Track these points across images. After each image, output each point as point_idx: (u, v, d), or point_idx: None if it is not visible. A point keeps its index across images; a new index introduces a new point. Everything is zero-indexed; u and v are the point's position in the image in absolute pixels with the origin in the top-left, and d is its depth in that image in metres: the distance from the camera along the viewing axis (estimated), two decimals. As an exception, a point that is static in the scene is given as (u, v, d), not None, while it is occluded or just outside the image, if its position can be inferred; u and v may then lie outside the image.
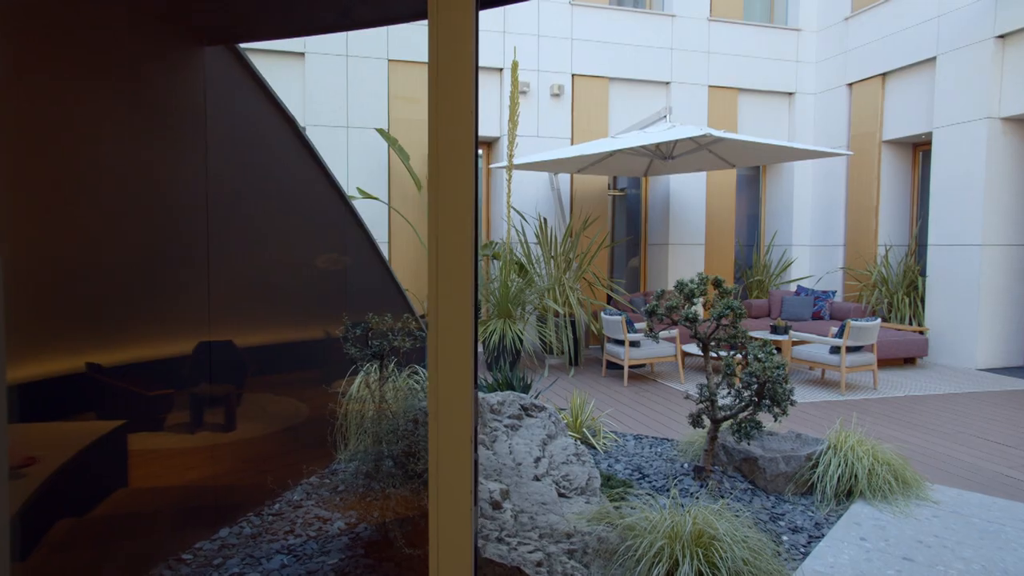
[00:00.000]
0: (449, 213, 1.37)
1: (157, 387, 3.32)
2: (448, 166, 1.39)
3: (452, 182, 1.38)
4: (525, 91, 9.37)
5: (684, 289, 3.95)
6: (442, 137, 1.39)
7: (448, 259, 1.37)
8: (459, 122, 1.37)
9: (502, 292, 7.77)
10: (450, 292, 1.37)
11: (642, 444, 5.02)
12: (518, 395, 3.55)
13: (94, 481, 2.89)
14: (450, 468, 1.39)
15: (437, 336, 1.39)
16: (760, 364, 3.54)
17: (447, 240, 1.38)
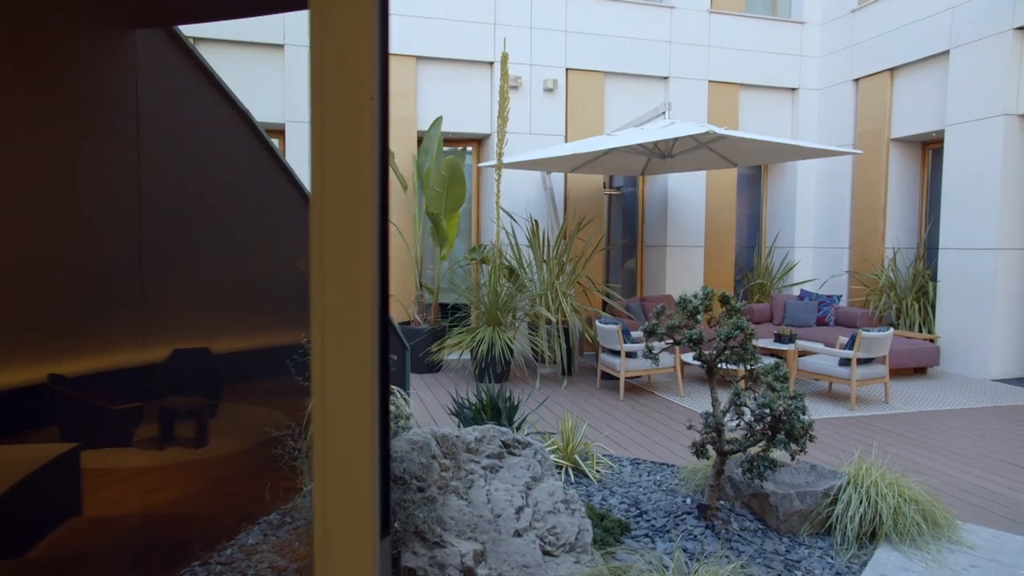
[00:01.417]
0: (336, 228, 0.94)
1: (123, 400, 2.92)
2: (339, 179, 0.95)
3: (343, 193, 0.94)
4: (516, 86, 8.91)
5: (687, 306, 3.51)
6: (329, 144, 0.95)
7: (337, 283, 0.94)
8: (352, 120, 0.94)
9: (491, 298, 7.33)
10: (343, 326, 0.95)
11: (640, 471, 4.59)
12: (499, 430, 3.11)
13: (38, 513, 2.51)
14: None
15: (323, 384, 0.96)
16: (775, 394, 3.11)
17: (334, 254, 0.95)
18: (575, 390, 7.15)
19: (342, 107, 0.94)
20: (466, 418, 4.57)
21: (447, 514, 2.54)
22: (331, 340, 0.96)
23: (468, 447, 2.94)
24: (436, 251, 8.21)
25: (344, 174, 0.94)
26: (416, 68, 8.71)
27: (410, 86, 8.65)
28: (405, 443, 2.71)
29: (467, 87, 8.95)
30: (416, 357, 7.84)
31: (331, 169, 0.95)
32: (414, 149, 8.64)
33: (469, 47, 8.81)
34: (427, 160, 8.23)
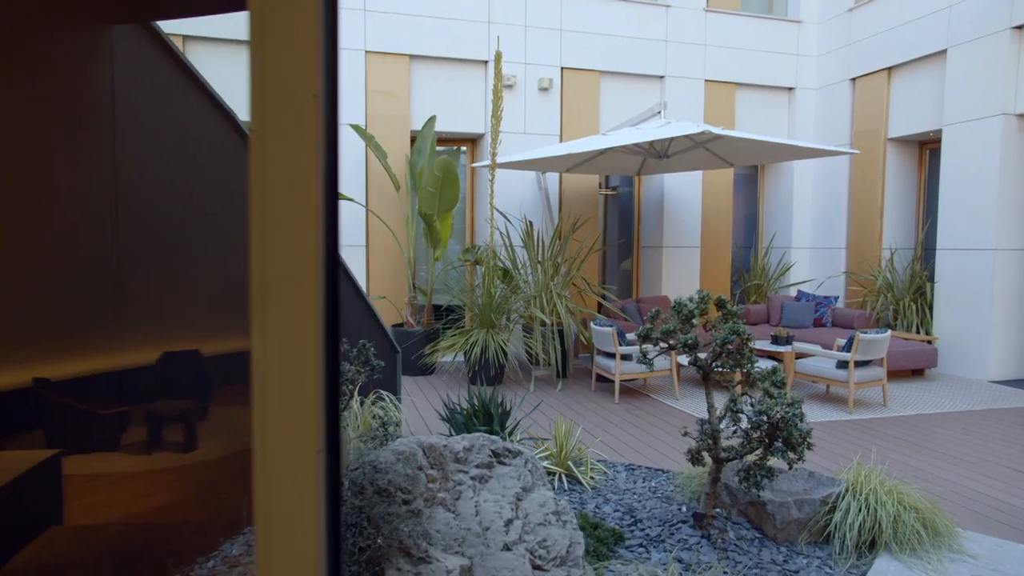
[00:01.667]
0: (276, 239, 0.85)
1: (110, 405, 2.82)
2: (279, 183, 0.86)
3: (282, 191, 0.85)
4: (511, 85, 8.83)
5: (682, 310, 3.43)
6: (268, 145, 0.86)
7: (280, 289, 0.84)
8: (293, 119, 0.85)
9: (484, 300, 7.24)
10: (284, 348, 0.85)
11: (634, 476, 4.50)
12: (489, 438, 3.02)
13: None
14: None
15: (264, 396, 0.86)
16: (772, 401, 3.02)
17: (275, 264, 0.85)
18: (570, 393, 7.07)
19: (282, 105, 0.85)
20: (458, 423, 4.49)
21: (433, 527, 2.45)
22: (271, 372, 0.86)
23: (456, 456, 2.85)
24: (429, 252, 8.12)
25: (284, 178, 0.85)
26: (409, 67, 8.62)
27: (403, 85, 8.56)
28: (390, 454, 2.62)
29: (461, 86, 8.86)
30: (409, 360, 7.74)
31: (272, 172, 0.85)
32: (407, 149, 8.54)
33: (463, 46, 8.72)
34: (420, 160, 8.13)
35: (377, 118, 8.49)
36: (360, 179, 8.46)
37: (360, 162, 8.45)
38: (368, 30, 8.37)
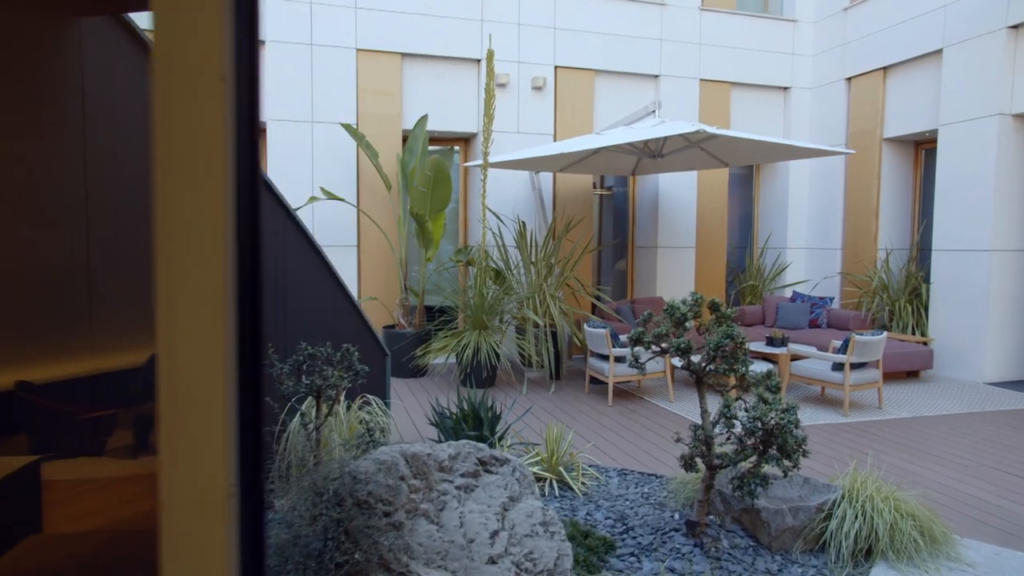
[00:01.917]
0: (179, 234, 0.75)
1: (95, 407, 2.72)
2: (181, 173, 0.76)
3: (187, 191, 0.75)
4: (504, 84, 8.74)
5: (675, 313, 3.34)
6: (169, 130, 0.76)
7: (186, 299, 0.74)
8: (194, 102, 0.75)
9: (476, 301, 7.15)
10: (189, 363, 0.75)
11: (627, 482, 4.42)
12: (475, 446, 2.93)
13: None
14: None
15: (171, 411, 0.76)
16: (766, 407, 2.94)
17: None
18: (563, 395, 6.98)
19: (182, 86, 0.75)
20: (447, 428, 4.40)
21: (415, 540, 2.36)
22: (174, 395, 0.75)
23: (441, 465, 2.76)
24: (421, 253, 8.02)
25: (186, 166, 0.75)
26: (401, 65, 8.52)
27: (395, 84, 8.46)
28: (371, 463, 2.53)
29: (454, 85, 8.76)
30: (400, 361, 7.64)
31: (173, 161, 0.75)
32: (399, 148, 8.45)
33: (455, 44, 8.63)
34: (412, 159, 8.04)
35: (368, 117, 8.39)
36: (351, 179, 8.36)
37: (351, 162, 8.35)
38: (359, 28, 8.27)
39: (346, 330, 4.73)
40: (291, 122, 8.10)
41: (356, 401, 4.31)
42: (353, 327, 4.81)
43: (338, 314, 4.63)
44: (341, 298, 4.63)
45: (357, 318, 4.85)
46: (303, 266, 4.21)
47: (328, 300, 4.51)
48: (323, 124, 8.22)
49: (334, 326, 4.58)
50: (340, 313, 4.64)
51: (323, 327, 4.46)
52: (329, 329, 4.53)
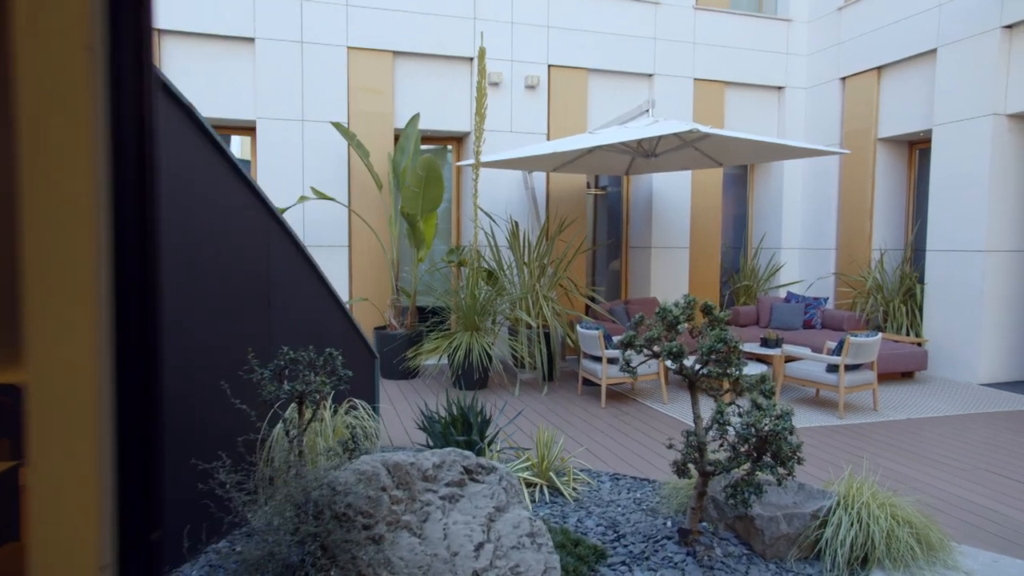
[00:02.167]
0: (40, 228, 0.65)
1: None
2: (38, 156, 0.66)
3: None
4: (497, 82, 8.66)
5: (667, 316, 3.27)
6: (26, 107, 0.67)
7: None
8: (55, 75, 0.66)
9: (468, 302, 7.06)
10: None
11: (619, 487, 4.34)
12: (461, 453, 2.85)
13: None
14: None
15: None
16: (760, 413, 2.87)
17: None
18: (555, 397, 6.91)
19: (42, 57, 0.65)
20: (435, 433, 4.32)
21: (396, 554, 2.28)
22: (39, 430, 0.62)
23: (425, 475, 2.68)
24: (413, 253, 7.93)
25: (44, 149, 0.65)
26: (393, 63, 8.43)
27: (386, 82, 8.36)
28: (351, 474, 2.44)
29: (446, 84, 8.67)
30: (391, 363, 7.56)
31: (31, 147, 0.65)
32: (391, 147, 8.36)
33: (448, 42, 8.54)
34: (404, 159, 7.95)
35: (360, 115, 8.29)
36: (342, 178, 8.26)
37: (342, 161, 8.25)
38: (350, 25, 8.17)
39: (333, 332, 4.64)
40: (281, 120, 8.00)
41: (343, 405, 4.23)
42: (340, 329, 4.72)
43: (325, 316, 4.54)
44: (328, 300, 4.55)
45: (344, 320, 4.76)
46: (288, 267, 4.12)
47: (314, 302, 4.42)
48: (314, 123, 8.12)
49: (320, 329, 4.49)
50: (327, 315, 4.55)
51: (309, 330, 4.37)
52: (315, 332, 4.44)
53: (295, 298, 4.21)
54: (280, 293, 4.03)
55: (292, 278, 4.18)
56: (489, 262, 8.10)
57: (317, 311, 4.46)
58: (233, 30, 7.78)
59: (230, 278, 3.53)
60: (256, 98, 7.92)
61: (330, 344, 4.58)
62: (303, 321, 4.32)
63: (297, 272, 4.23)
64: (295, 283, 4.21)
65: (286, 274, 4.10)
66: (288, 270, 4.12)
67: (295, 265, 4.19)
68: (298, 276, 4.26)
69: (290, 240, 4.11)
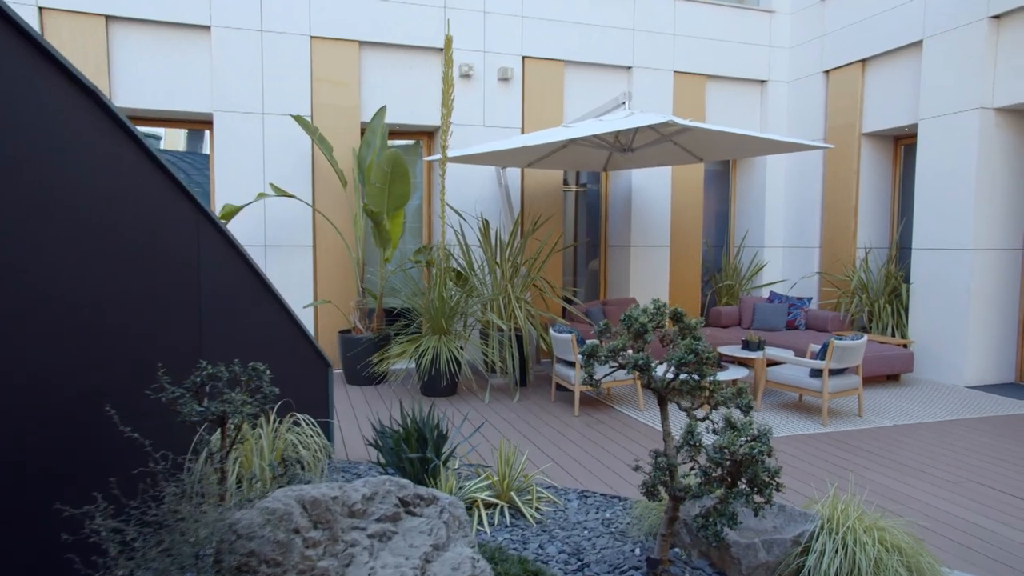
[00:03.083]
0: None
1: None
2: None
3: None
4: (468, 75, 8.30)
5: (632, 324, 2.94)
6: None
7: None
8: None
9: (436, 304, 6.71)
10: None
11: (587, 506, 4.02)
12: (397, 483, 2.50)
13: None
14: None
15: None
16: (735, 433, 2.55)
17: None
18: (527, 404, 6.58)
19: None
20: (387, 449, 3.97)
21: (304, 612, 1.93)
22: None
23: (352, 510, 2.33)
24: (380, 252, 7.56)
25: None
26: (359, 54, 8.05)
27: (352, 73, 7.98)
28: (258, 514, 2.09)
29: (416, 75, 8.30)
30: (355, 369, 7.19)
31: None
32: (357, 142, 7.98)
33: (417, 32, 8.16)
34: (369, 154, 7.57)
35: (324, 108, 7.90)
36: (306, 174, 7.87)
37: (306, 156, 7.86)
38: (313, 13, 7.78)
39: (279, 340, 4.28)
40: (239, 113, 7.59)
41: (285, 422, 3.86)
42: (288, 338, 4.36)
43: (269, 323, 4.17)
44: (272, 305, 4.18)
45: (292, 327, 4.40)
46: (223, 270, 3.75)
47: (255, 308, 4.04)
48: (275, 116, 7.72)
49: (264, 337, 4.12)
50: (271, 322, 4.18)
51: (250, 339, 4.00)
52: (258, 341, 4.07)
53: (232, 304, 3.84)
54: (213, 299, 3.66)
55: (228, 281, 3.81)
56: (459, 261, 7.75)
57: (259, 317, 4.09)
58: (188, 17, 7.36)
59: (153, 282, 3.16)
60: (213, 90, 7.51)
61: (275, 355, 4.22)
62: (242, 329, 3.95)
63: (234, 275, 3.86)
64: (232, 287, 3.84)
65: (220, 277, 3.72)
66: (223, 273, 3.75)
67: (231, 268, 3.82)
68: (236, 280, 3.88)
69: (225, 240, 3.74)
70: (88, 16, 6.99)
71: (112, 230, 2.81)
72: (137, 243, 3.01)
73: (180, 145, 8.20)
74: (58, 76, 2.47)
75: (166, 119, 7.85)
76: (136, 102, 7.34)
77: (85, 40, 6.99)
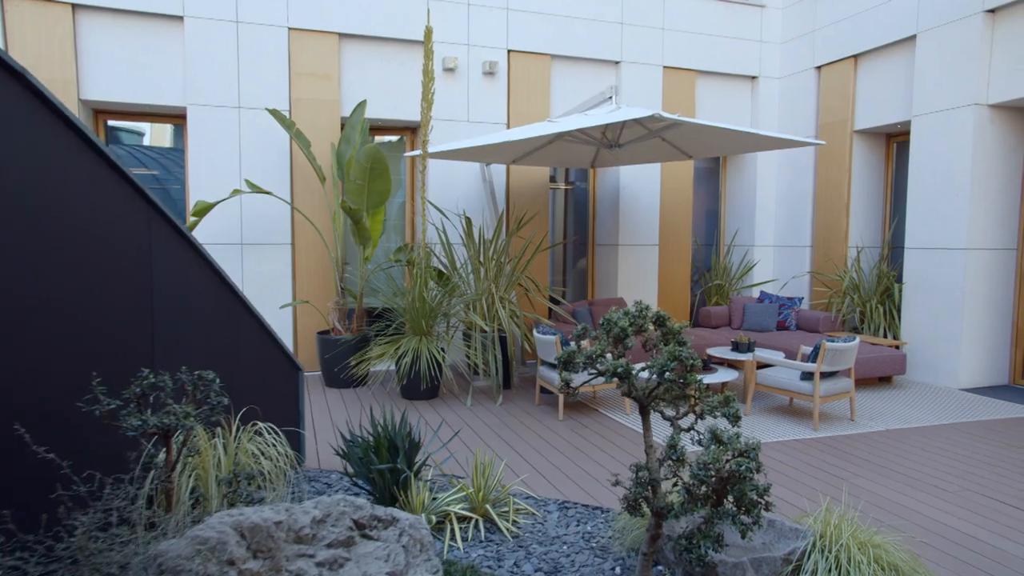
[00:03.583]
0: None
1: None
2: None
3: None
4: (452, 68, 8.07)
5: (612, 329, 2.74)
6: None
7: None
8: None
9: (417, 305, 6.49)
10: None
11: (568, 518, 3.81)
12: (353, 503, 2.29)
13: None
14: None
15: None
16: (721, 448, 2.35)
17: None
18: (510, 408, 6.37)
19: None
20: (355, 459, 3.75)
21: (233, 658, 1.71)
22: None
23: (299, 535, 2.11)
24: (360, 251, 7.33)
25: None
26: (339, 47, 7.80)
27: (332, 66, 7.74)
28: (186, 545, 1.86)
29: (399, 69, 8.07)
30: (333, 371, 6.96)
31: None
32: (337, 137, 7.74)
33: (400, 25, 7.93)
34: (349, 149, 7.34)
35: (304, 103, 7.66)
36: (284, 170, 7.63)
37: (284, 152, 7.62)
38: (291, 4, 7.53)
39: (243, 346, 4.04)
40: (215, 107, 7.34)
41: (247, 431, 3.63)
42: (253, 342, 4.13)
43: (231, 327, 3.93)
44: (234, 306, 3.94)
45: (258, 330, 4.16)
46: (179, 271, 3.52)
47: (217, 312, 3.81)
48: (251, 110, 7.47)
49: (226, 342, 3.89)
50: (233, 325, 3.95)
51: (210, 345, 3.77)
52: (219, 347, 3.84)
53: (190, 308, 3.61)
54: (170, 304, 3.43)
55: (187, 284, 3.57)
56: (441, 259, 7.54)
57: (221, 322, 3.86)
58: (159, 7, 7.10)
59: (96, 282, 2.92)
60: (187, 83, 7.25)
61: (241, 359, 3.99)
62: (203, 335, 3.72)
63: (194, 278, 3.63)
64: (191, 290, 3.61)
65: (178, 280, 3.49)
66: (181, 275, 3.52)
67: (190, 269, 3.59)
68: (196, 283, 3.65)
69: (183, 240, 3.51)
70: (53, 4, 6.71)
71: (44, 225, 2.58)
72: (76, 240, 2.77)
73: (166, 141, 7.93)
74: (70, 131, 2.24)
75: (138, 113, 7.59)
76: (106, 95, 7.07)
77: (50, 31, 6.72)
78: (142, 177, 7.66)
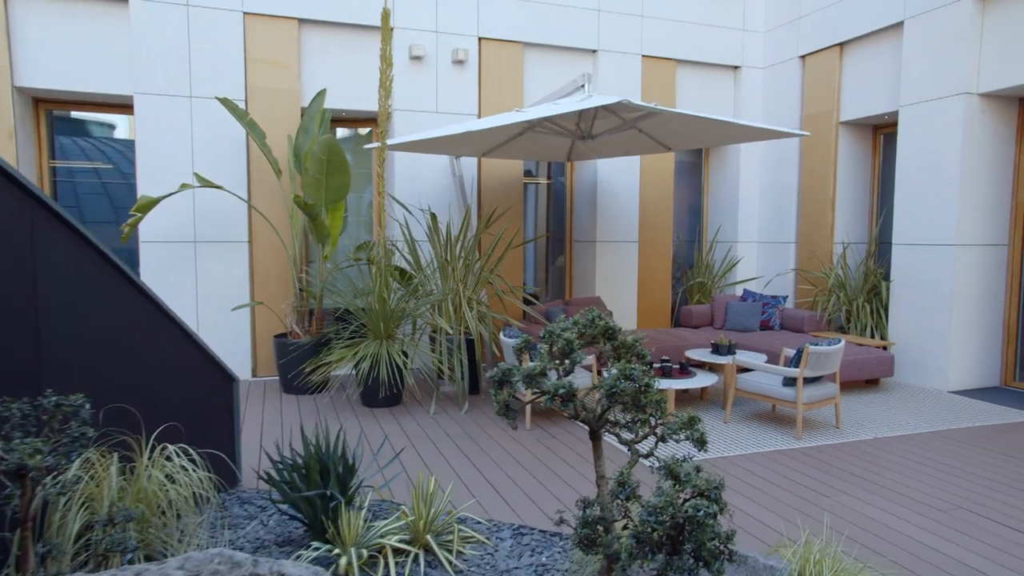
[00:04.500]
0: None
1: None
2: None
3: None
4: (420, 56, 7.65)
5: (556, 342, 2.35)
6: None
7: None
8: None
9: (378, 306, 6.08)
10: None
11: (521, 547, 3.43)
12: (230, 558, 1.89)
13: None
14: None
15: None
16: (678, 487, 1.97)
17: None
18: (475, 416, 5.98)
19: None
20: (282, 483, 3.35)
21: None
22: None
23: (152, 605, 1.70)
24: (319, 249, 6.91)
25: None
26: (299, 33, 7.37)
27: (291, 54, 7.30)
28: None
29: (363, 57, 7.64)
30: (288, 377, 6.54)
31: None
32: (295, 129, 7.31)
33: (363, 10, 7.50)
34: (307, 141, 6.91)
35: (260, 92, 7.22)
36: (240, 164, 7.19)
37: (239, 144, 7.17)
38: (245, -13, 7.08)
39: (162, 358, 3.62)
40: (164, 96, 6.88)
41: (156, 456, 3.22)
42: (174, 352, 3.71)
43: (145, 337, 3.52)
44: (147, 311, 3.52)
45: (182, 339, 3.75)
46: (75, 275, 3.10)
47: (125, 318, 3.39)
48: (204, 100, 7.02)
49: (139, 354, 3.47)
50: (148, 335, 3.53)
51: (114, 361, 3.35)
52: (132, 360, 3.43)
53: (89, 315, 3.19)
54: (60, 312, 3.01)
55: (82, 287, 3.16)
56: (405, 256, 7.13)
57: (131, 331, 3.44)
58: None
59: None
60: (134, 70, 6.79)
61: (156, 372, 3.57)
62: (105, 349, 3.30)
63: (85, 272, 3.21)
64: (88, 295, 3.19)
65: (70, 284, 3.07)
66: (75, 279, 3.10)
67: (87, 271, 3.17)
68: (94, 285, 3.23)
69: (79, 239, 3.09)
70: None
71: None
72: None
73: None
74: None
75: (83, 102, 7.12)
76: (45, 83, 6.60)
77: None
78: (104, 172, 7.22)
